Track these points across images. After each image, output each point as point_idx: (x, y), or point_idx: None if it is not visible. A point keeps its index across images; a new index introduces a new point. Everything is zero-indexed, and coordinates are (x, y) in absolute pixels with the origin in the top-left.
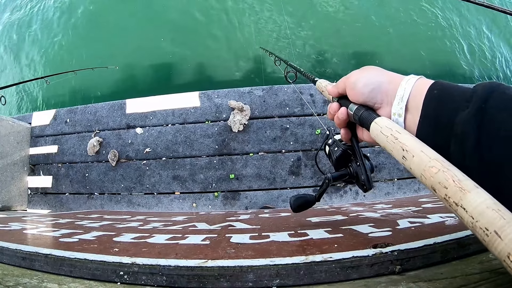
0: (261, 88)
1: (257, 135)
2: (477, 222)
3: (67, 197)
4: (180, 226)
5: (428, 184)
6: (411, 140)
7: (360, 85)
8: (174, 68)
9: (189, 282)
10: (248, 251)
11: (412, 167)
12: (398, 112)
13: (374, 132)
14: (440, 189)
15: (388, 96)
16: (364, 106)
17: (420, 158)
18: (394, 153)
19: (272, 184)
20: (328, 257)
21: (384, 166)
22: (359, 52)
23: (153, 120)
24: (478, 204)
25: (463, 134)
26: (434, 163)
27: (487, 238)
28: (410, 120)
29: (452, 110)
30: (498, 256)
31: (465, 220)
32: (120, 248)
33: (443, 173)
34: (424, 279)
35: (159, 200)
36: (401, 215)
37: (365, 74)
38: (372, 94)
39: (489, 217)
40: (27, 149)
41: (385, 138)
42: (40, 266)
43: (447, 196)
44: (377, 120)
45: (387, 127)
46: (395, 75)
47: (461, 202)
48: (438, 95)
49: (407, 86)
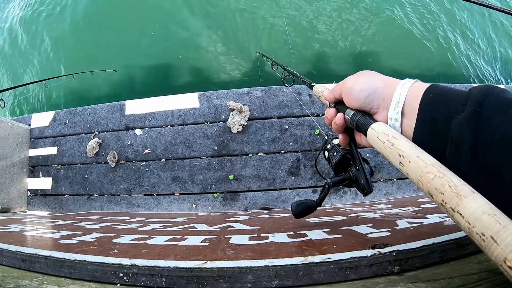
0: (260, 89)
1: (256, 136)
2: (474, 228)
3: (67, 198)
4: (180, 227)
5: (425, 190)
6: (408, 146)
7: (356, 90)
8: (173, 70)
9: (188, 283)
10: (247, 252)
11: (409, 173)
12: (394, 117)
13: (371, 138)
14: (436, 195)
15: (384, 100)
16: (360, 111)
17: (416, 164)
18: (391, 159)
19: (271, 185)
20: (327, 258)
21: (383, 166)
22: (357, 54)
23: (152, 121)
24: (474, 209)
25: (458, 138)
26: (431, 169)
27: (483, 243)
28: (407, 124)
29: (448, 114)
30: (495, 261)
31: (462, 226)
32: (119, 250)
33: (439, 178)
34: (423, 280)
35: (159, 201)
36: (400, 215)
37: (361, 79)
38: (368, 99)
39: (485, 222)
40: (26, 151)
41: (382, 144)
42: (40, 268)
43: (443, 202)
44: (373, 125)
45: (384, 132)
46: (390, 80)
47: (458, 207)
48: (433, 99)
49: (402, 90)
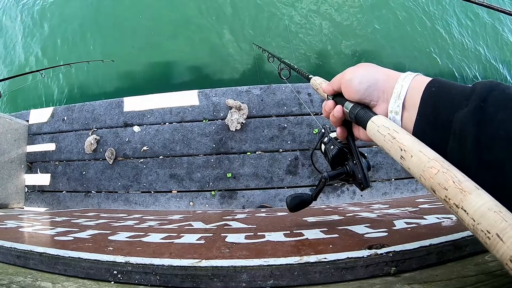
0: (258, 87)
1: (254, 134)
2: (479, 225)
3: (64, 195)
4: (176, 225)
5: (427, 185)
6: (410, 140)
7: (355, 82)
8: (172, 67)
9: (182, 282)
10: (242, 251)
11: (411, 168)
12: (395, 109)
13: (371, 131)
14: (440, 190)
15: (385, 93)
16: (360, 104)
17: (418, 158)
18: (392, 153)
19: (269, 183)
20: (323, 258)
21: (381, 166)
22: (357, 49)
23: (150, 119)
24: (479, 206)
25: (461, 133)
26: (434, 164)
27: (488, 240)
28: (407, 117)
29: (450, 108)
30: (500, 259)
31: (466, 222)
32: (114, 247)
33: (443, 174)
34: (419, 281)
35: (156, 199)
36: (398, 216)
37: (360, 71)
38: (368, 91)
39: (491, 220)
40: (24, 147)
41: (382, 138)
42: (34, 265)
43: (447, 198)
44: (373, 118)
45: (384, 126)
46: (391, 72)
47: (462, 204)
48: (436, 93)
49: (404, 83)
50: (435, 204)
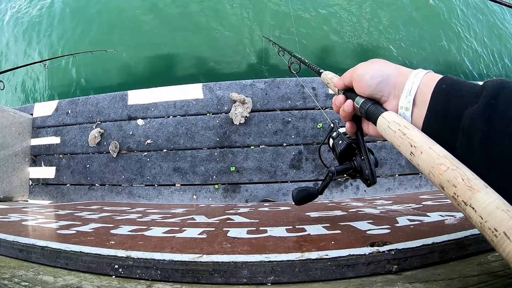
0: (263, 81)
1: (258, 128)
2: (486, 223)
3: (68, 188)
4: (179, 219)
5: (436, 182)
6: (420, 136)
7: (367, 77)
8: (176, 60)
9: (183, 277)
10: (244, 246)
11: (420, 164)
12: (405, 105)
13: (381, 126)
14: (448, 187)
15: (396, 89)
16: (370, 99)
17: (428, 154)
18: (402, 149)
19: (272, 178)
20: (324, 255)
21: (385, 162)
22: (366, 46)
23: (154, 112)
24: (488, 204)
25: (470, 129)
26: (443, 161)
27: (495, 239)
28: (417, 114)
29: (460, 105)
30: (506, 258)
31: (474, 220)
32: (116, 241)
33: (452, 171)
34: (421, 280)
35: (160, 192)
36: (401, 212)
37: (372, 66)
38: (379, 86)
39: (499, 218)
40: (28, 140)
41: (393, 133)
42: (36, 258)
43: (455, 195)
44: (384, 114)
45: (395, 122)
46: (403, 68)
47: (470, 201)
48: (446, 90)
49: (415, 79)
50: (439, 201)
